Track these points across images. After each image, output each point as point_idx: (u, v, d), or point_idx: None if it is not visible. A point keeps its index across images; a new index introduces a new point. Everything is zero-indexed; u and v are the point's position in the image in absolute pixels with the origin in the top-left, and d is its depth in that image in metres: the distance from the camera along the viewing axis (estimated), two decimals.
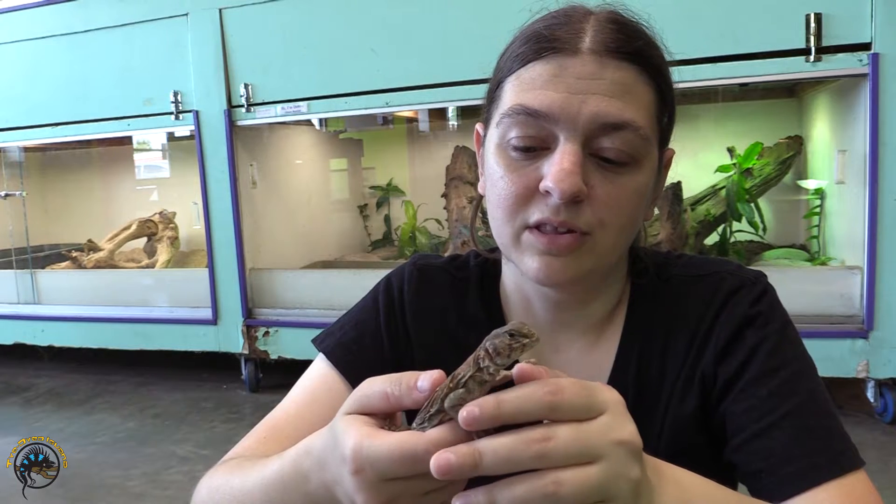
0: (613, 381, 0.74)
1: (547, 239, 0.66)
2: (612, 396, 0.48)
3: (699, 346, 0.72)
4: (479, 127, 0.77)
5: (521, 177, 0.66)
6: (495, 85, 0.72)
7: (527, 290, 0.77)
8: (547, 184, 0.64)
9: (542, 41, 0.66)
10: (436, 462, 0.44)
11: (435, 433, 0.47)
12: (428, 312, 0.81)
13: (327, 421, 0.73)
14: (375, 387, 0.51)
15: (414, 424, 0.51)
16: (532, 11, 0.71)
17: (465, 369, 0.49)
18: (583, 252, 0.66)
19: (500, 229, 0.70)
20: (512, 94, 0.67)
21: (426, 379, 0.49)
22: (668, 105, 0.70)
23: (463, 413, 0.44)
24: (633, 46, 0.66)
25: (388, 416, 0.53)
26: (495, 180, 0.68)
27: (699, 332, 0.73)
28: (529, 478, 0.44)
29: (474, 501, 0.45)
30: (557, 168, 0.63)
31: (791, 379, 0.68)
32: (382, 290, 0.83)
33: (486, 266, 0.83)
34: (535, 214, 0.66)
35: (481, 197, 0.79)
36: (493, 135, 0.70)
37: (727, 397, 0.70)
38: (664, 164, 0.74)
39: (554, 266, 0.66)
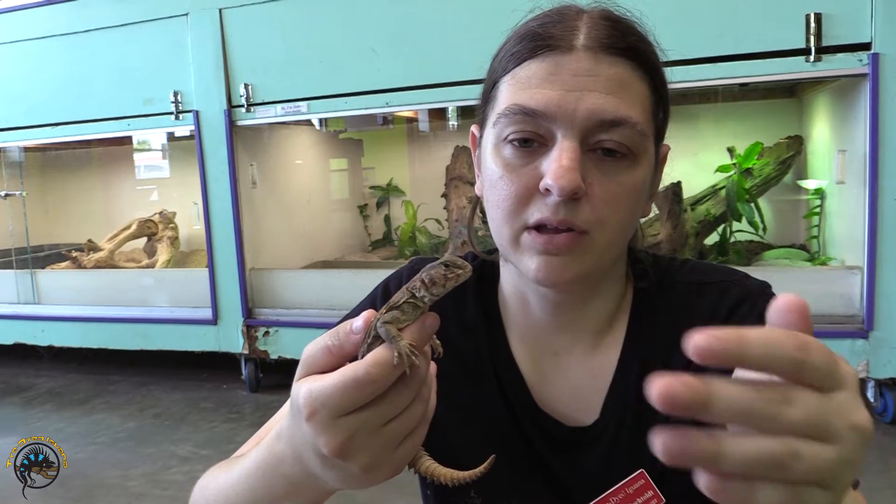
0: (615, 387, 0.74)
1: (545, 238, 0.65)
2: (851, 371, 0.40)
3: None
4: (474, 128, 0.77)
5: (519, 177, 0.66)
6: (490, 85, 0.71)
7: (525, 291, 0.76)
8: (546, 181, 0.63)
9: (537, 39, 0.66)
10: (659, 389, 0.37)
11: (370, 355, 0.48)
12: None
13: None
14: (318, 345, 0.53)
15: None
16: (525, 11, 0.71)
17: (399, 296, 0.52)
18: (581, 251, 0.66)
19: (498, 230, 0.70)
20: (508, 93, 0.67)
21: (359, 319, 0.51)
22: (662, 101, 0.70)
23: (698, 339, 0.36)
24: (627, 42, 0.66)
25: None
26: (494, 181, 0.68)
27: None
28: (766, 440, 0.37)
29: (699, 444, 0.37)
30: (556, 165, 0.63)
31: None
32: (380, 294, 0.83)
33: (483, 269, 0.83)
34: (535, 214, 0.66)
35: (478, 198, 0.79)
36: (490, 135, 0.69)
37: None
38: (660, 160, 0.74)
39: (553, 266, 0.66)
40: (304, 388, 0.50)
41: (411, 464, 0.59)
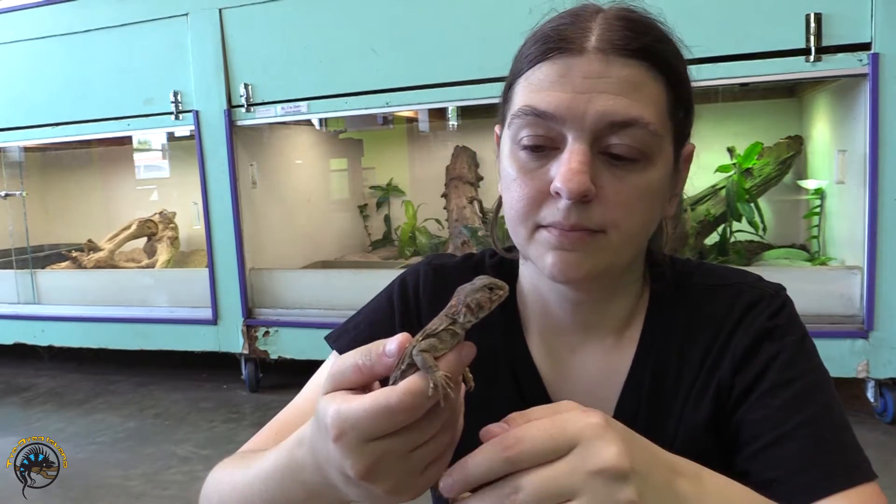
0: (629, 386, 0.75)
1: (559, 232, 0.66)
2: (586, 422, 0.46)
3: (716, 355, 0.73)
4: (497, 128, 0.78)
5: (532, 179, 0.67)
6: (508, 86, 0.72)
7: (544, 290, 0.77)
8: (556, 185, 0.64)
9: (549, 42, 0.67)
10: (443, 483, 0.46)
11: (404, 383, 0.47)
12: None
13: None
14: (347, 361, 0.52)
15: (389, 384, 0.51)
16: (543, 13, 0.72)
17: (437, 323, 0.51)
18: (596, 248, 0.67)
19: (514, 230, 0.71)
20: (521, 95, 0.68)
21: (393, 342, 0.50)
22: (682, 99, 0.70)
23: (441, 484, 0.46)
24: (641, 43, 0.65)
25: (365, 389, 0.53)
26: (509, 183, 0.69)
27: (717, 341, 0.73)
28: None
29: None
30: (565, 168, 0.64)
31: (806, 390, 0.68)
32: (397, 289, 0.83)
33: (501, 266, 0.83)
34: (547, 218, 0.66)
35: (501, 196, 0.80)
36: (507, 136, 0.71)
37: (742, 406, 0.70)
38: (684, 158, 0.74)
39: (568, 261, 0.66)
40: (333, 407, 0.49)
41: (436, 486, 0.57)
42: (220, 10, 3.12)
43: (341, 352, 0.80)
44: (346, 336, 0.82)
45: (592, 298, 0.75)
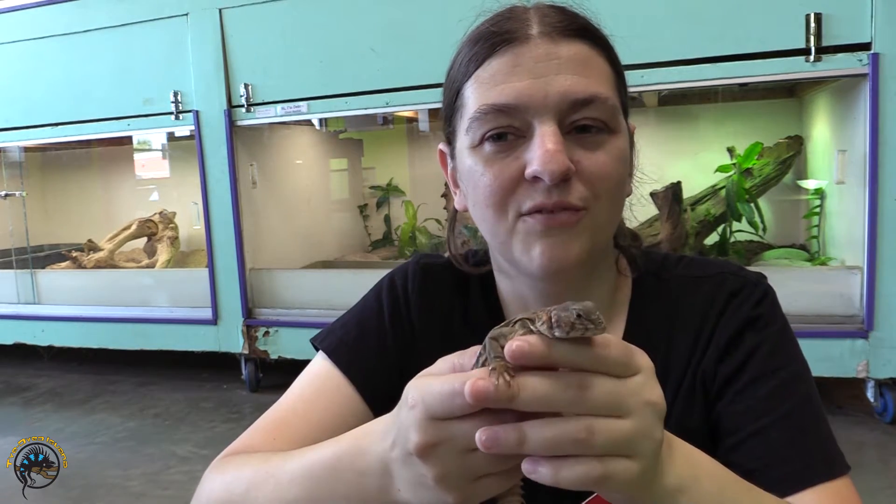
0: None
1: (545, 217, 0.66)
2: (646, 361, 0.49)
3: (703, 346, 0.73)
4: (442, 146, 0.77)
5: (502, 169, 0.66)
6: (453, 96, 0.72)
7: (525, 292, 0.76)
8: (534, 168, 0.64)
9: (493, 37, 0.68)
10: (472, 386, 0.44)
11: (475, 371, 0.48)
12: (433, 310, 0.81)
13: (335, 417, 0.71)
14: (448, 361, 0.52)
15: None
16: (471, 18, 0.74)
17: (517, 317, 0.50)
18: (582, 228, 0.67)
19: (493, 228, 0.69)
20: (475, 96, 0.68)
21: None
22: (621, 77, 0.72)
23: (513, 345, 0.45)
24: (579, 24, 0.68)
25: None
26: (477, 179, 0.68)
27: (703, 332, 0.73)
28: (564, 421, 0.45)
29: (503, 436, 0.45)
30: (541, 151, 0.63)
31: (789, 381, 0.69)
32: (386, 287, 0.83)
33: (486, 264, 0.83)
34: (527, 202, 0.66)
35: (457, 212, 0.79)
36: (465, 141, 0.70)
37: (724, 396, 0.71)
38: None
39: (556, 246, 0.66)
40: (417, 381, 0.51)
41: (500, 497, 0.55)
42: (220, 10, 3.12)
43: (329, 352, 0.79)
44: (332, 336, 0.81)
45: (570, 289, 0.73)
